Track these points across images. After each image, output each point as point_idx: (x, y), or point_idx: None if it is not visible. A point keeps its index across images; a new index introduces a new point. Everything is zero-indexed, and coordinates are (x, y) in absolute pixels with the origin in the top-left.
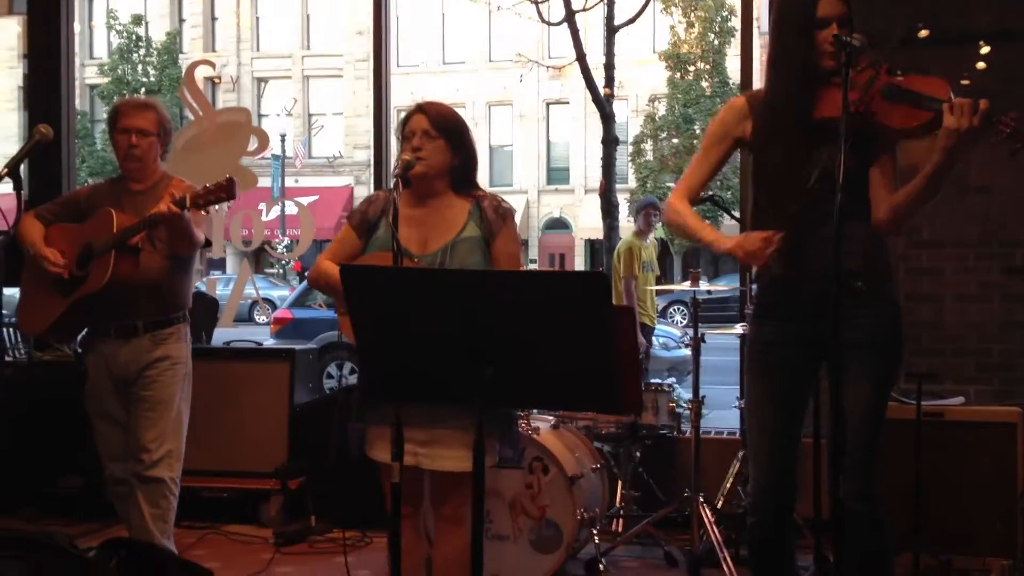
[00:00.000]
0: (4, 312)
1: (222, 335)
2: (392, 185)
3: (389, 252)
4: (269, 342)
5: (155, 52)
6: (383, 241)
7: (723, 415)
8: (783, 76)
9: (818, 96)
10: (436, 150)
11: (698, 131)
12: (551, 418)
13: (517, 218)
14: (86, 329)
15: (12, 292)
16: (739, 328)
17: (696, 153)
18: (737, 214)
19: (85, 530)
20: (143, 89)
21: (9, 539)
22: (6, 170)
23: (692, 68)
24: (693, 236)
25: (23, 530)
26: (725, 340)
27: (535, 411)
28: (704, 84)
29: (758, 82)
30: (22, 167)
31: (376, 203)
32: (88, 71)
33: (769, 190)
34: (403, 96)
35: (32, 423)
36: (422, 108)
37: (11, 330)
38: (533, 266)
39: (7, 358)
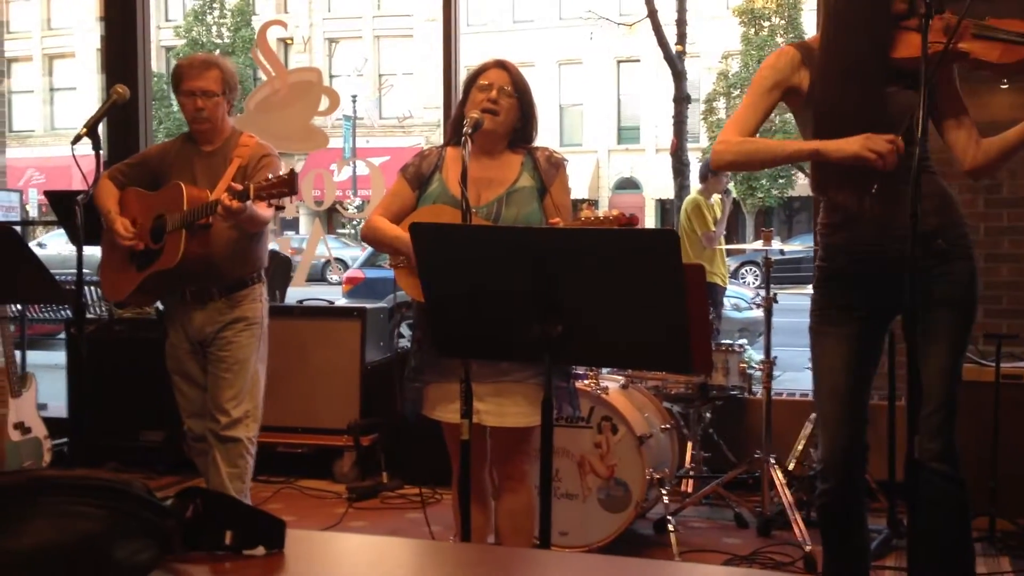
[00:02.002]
0: (85, 270)
1: (295, 294)
2: (461, 143)
3: (443, 206)
4: (341, 301)
5: (228, 14)
6: (437, 195)
7: (795, 377)
8: (857, 20)
9: (891, 40)
10: (510, 108)
11: None
12: (620, 378)
13: (587, 179)
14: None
15: (93, 250)
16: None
17: (746, 98)
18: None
19: (166, 483)
20: (217, 51)
21: (86, 487)
22: (85, 130)
23: (767, 24)
24: (788, 154)
25: (100, 478)
26: (797, 301)
27: (604, 371)
28: (779, 40)
29: None
30: (101, 128)
31: (429, 157)
32: (163, 33)
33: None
34: (472, 55)
35: (114, 379)
36: (503, 64)
37: (93, 288)
38: None
39: (89, 315)
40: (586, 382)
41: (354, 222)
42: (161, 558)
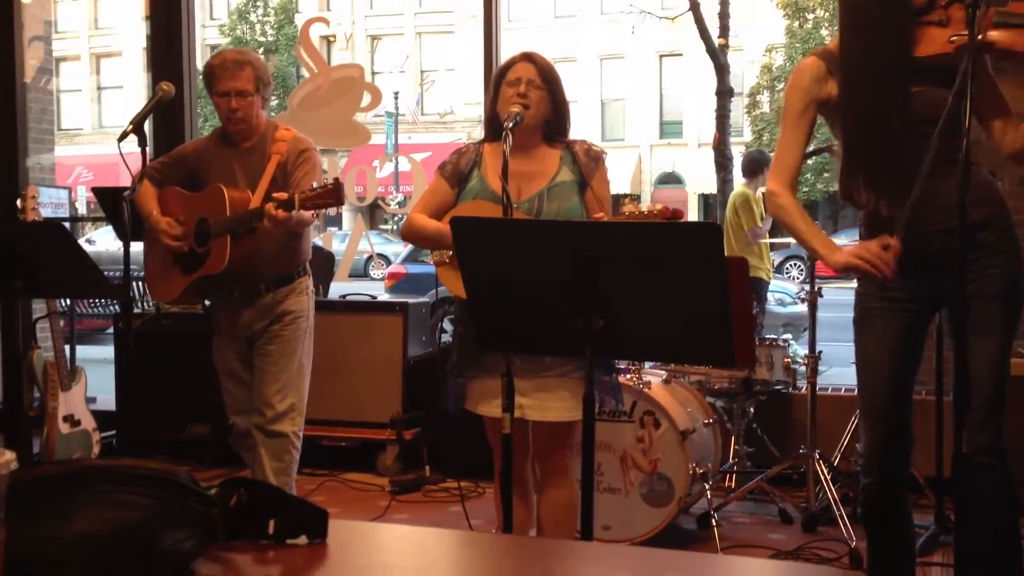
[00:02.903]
0: (132, 266)
1: (338, 289)
2: (503, 137)
3: (483, 201)
4: (384, 297)
5: (272, 11)
6: (476, 191)
7: (841, 372)
8: (872, 18)
9: (911, 38)
10: (540, 100)
11: None
12: (663, 373)
13: (629, 173)
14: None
15: (139, 245)
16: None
17: (781, 131)
18: None
19: (212, 476)
20: (261, 49)
21: (133, 476)
22: (131, 127)
23: (811, 16)
24: (801, 240)
25: (147, 467)
26: (842, 296)
27: (647, 365)
28: (824, 32)
29: None
30: (147, 126)
31: (467, 154)
32: (208, 32)
33: (872, 145)
34: (514, 51)
35: (161, 372)
36: (530, 57)
37: (140, 283)
38: None
39: (137, 310)
40: (628, 377)
41: (396, 218)
42: (205, 546)
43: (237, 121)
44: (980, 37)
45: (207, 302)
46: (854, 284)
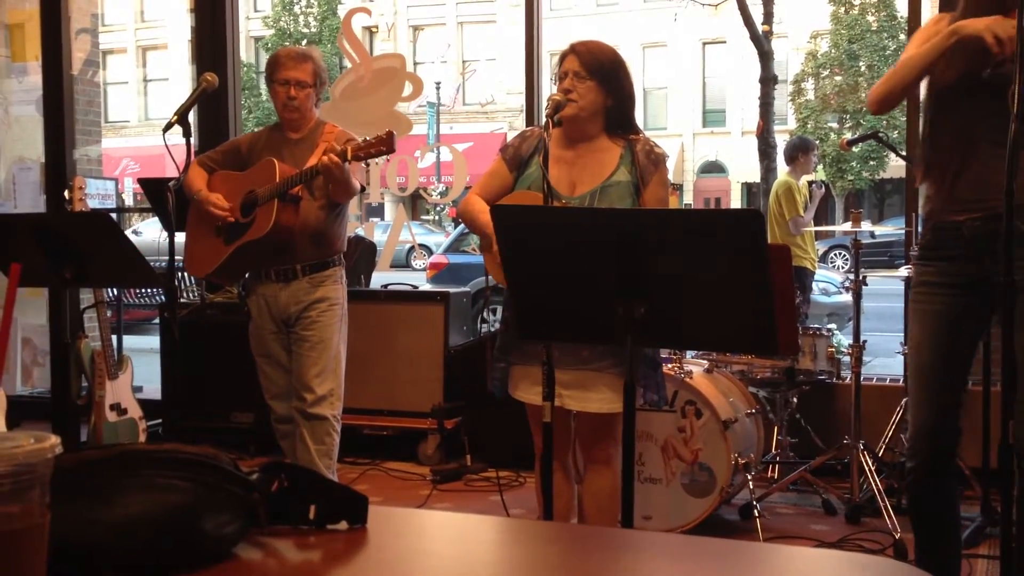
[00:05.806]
0: (177, 256)
1: (380, 279)
2: (543, 125)
3: (537, 192)
4: (425, 286)
5: (315, 3)
6: (533, 179)
7: (885, 363)
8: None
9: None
10: (587, 91)
11: (863, 68)
12: (704, 362)
13: (671, 163)
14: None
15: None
16: (904, 271)
17: (905, 49)
18: (904, 152)
19: (256, 464)
20: (304, 40)
21: (175, 460)
22: (175, 117)
23: (857, 2)
24: (927, 56)
25: (189, 451)
26: (888, 286)
27: (689, 355)
28: (870, 18)
29: (927, 14)
30: (191, 117)
31: (530, 139)
32: (252, 24)
33: (942, 128)
34: (556, 40)
35: (206, 362)
36: (574, 49)
37: (184, 273)
38: None
39: (181, 299)
40: (670, 366)
41: (438, 208)
42: (247, 531)
43: (292, 109)
44: None
45: (242, 291)
46: (900, 273)
